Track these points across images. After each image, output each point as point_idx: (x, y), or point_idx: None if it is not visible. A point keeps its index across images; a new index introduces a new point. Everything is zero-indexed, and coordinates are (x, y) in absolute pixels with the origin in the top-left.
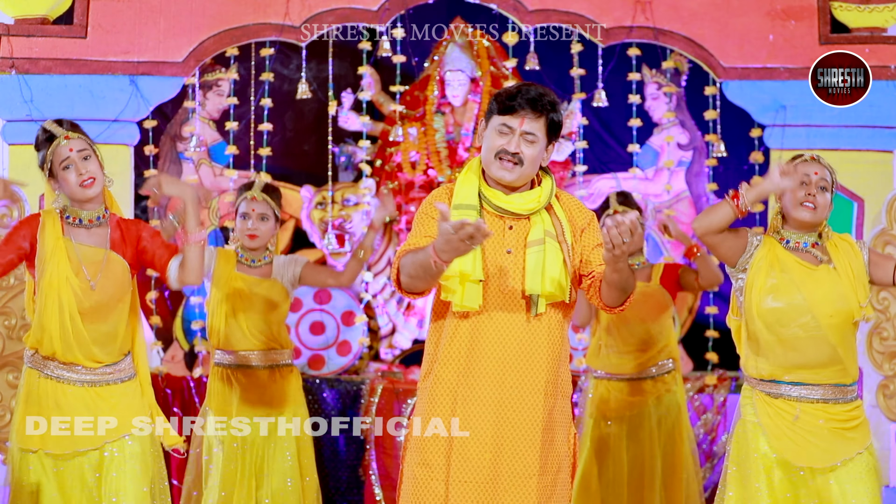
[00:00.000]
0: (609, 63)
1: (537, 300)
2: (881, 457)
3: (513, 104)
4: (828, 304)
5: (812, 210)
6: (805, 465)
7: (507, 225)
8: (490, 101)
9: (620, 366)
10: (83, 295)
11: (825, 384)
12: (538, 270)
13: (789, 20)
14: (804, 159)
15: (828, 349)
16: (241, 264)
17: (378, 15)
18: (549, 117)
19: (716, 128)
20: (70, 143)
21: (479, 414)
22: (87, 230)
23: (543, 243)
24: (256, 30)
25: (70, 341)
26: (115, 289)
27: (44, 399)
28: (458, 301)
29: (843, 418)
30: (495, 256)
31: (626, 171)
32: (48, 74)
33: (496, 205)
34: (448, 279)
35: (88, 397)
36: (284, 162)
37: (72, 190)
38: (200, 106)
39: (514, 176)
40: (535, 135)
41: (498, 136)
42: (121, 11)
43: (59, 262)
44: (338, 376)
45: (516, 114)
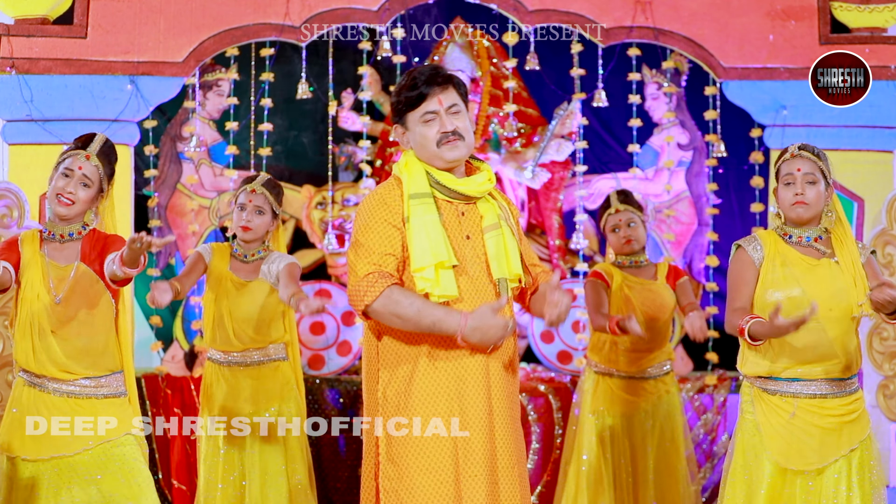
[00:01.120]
0: (609, 63)
1: (506, 284)
2: (881, 457)
3: (418, 92)
4: (827, 297)
5: (805, 205)
6: (797, 468)
7: (458, 211)
8: (392, 108)
9: (625, 363)
10: (51, 309)
11: (821, 379)
12: (501, 255)
13: (789, 20)
14: (785, 159)
15: (826, 343)
16: (234, 259)
17: (378, 15)
18: (454, 83)
19: (716, 128)
20: (86, 163)
21: (477, 411)
22: (61, 244)
23: (499, 227)
24: (256, 30)
25: (41, 356)
26: (82, 302)
27: (27, 405)
28: (437, 292)
29: (839, 412)
30: (456, 243)
31: (626, 172)
32: (48, 74)
33: (452, 189)
34: (422, 269)
35: (67, 407)
36: (284, 162)
37: (49, 195)
38: (200, 106)
39: (463, 151)
40: (457, 104)
41: (426, 126)
42: (121, 11)
43: (31, 277)
44: (338, 376)
45: (428, 98)
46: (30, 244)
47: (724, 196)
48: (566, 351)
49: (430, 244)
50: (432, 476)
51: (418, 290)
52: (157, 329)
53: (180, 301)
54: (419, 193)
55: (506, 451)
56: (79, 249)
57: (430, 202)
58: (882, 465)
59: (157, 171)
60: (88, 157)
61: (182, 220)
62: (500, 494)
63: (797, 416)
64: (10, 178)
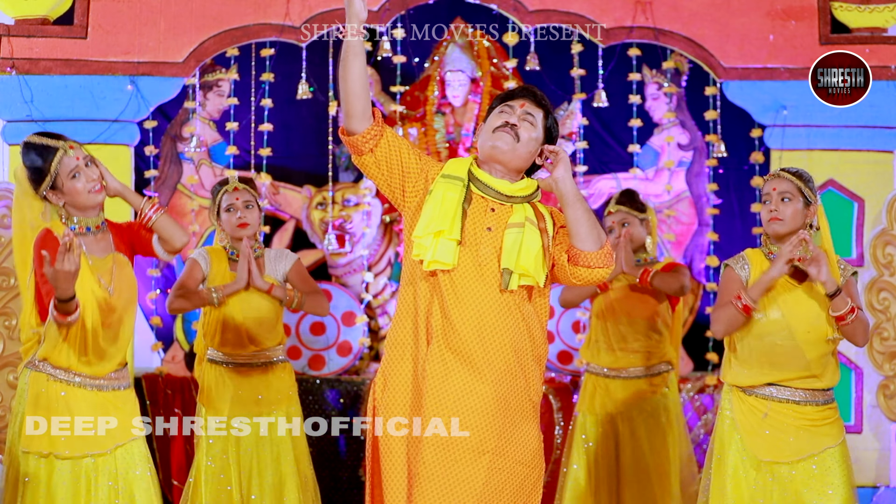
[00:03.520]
0: (609, 63)
1: (510, 276)
2: (881, 457)
3: (514, 92)
4: (805, 320)
5: (780, 221)
6: (772, 460)
7: (489, 206)
8: (489, 107)
9: (612, 362)
10: (105, 303)
11: (797, 388)
12: (515, 248)
13: (789, 20)
14: (766, 179)
15: (802, 362)
16: (232, 262)
17: (378, 15)
18: (546, 112)
19: (716, 128)
20: (75, 152)
21: (479, 405)
22: (95, 237)
23: (523, 227)
24: (257, 30)
25: (89, 354)
26: (128, 291)
27: (53, 403)
28: (429, 257)
29: (814, 417)
30: (474, 231)
31: (626, 172)
32: (48, 75)
33: (484, 182)
34: (421, 237)
35: (97, 401)
36: (285, 162)
37: (81, 199)
38: (201, 106)
39: (508, 146)
40: (534, 117)
41: (497, 116)
42: (121, 12)
43: (82, 277)
44: (338, 377)
45: (516, 99)
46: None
47: (724, 196)
48: (566, 351)
49: (437, 215)
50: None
51: (413, 255)
52: (157, 329)
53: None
54: (453, 176)
55: (434, 448)
56: (110, 240)
57: (460, 185)
58: (882, 468)
59: (157, 172)
60: (72, 146)
61: (182, 221)
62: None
63: (770, 416)
64: (11, 179)
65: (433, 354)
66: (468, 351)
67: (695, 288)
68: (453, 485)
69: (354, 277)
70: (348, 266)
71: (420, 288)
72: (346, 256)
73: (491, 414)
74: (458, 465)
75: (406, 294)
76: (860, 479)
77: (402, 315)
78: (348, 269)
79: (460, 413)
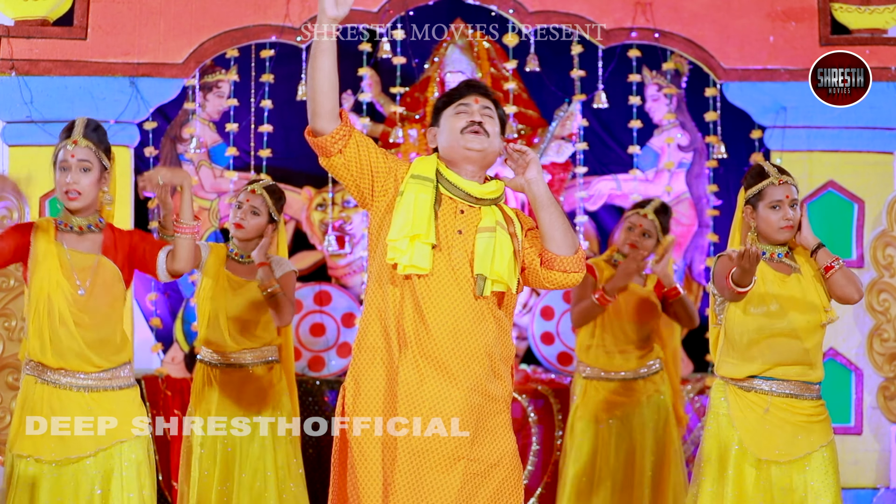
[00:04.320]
0: (609, 64)
1: (484, 282)
2: (881, 458)
3: (460, 90)
4: (800, 310)
5: (792, 228)
6: (769, 458)
7: (458, 208)
8: (432, 114)
9: (609, 364)
10: (73, 300)
11: (794, 380)
12: (488, 254)
13: (790, 21)
14: (770, 182)
15: (800, 350)
16: (230, 260)
17: (378, 16)
18: (496, 103)
19: (716, 129)
20: (76, 149)
21: (451, 400)
22: (79, 235)
23: (494, 231)
24: (256, 31)
25: (62, 347)
26: (106, 295)
27: (38, 404)
28: (405, 261)
29: (808, 412)
30: (446, 234)
31: (626, 173)
32: (48, 76)
33: (455, 185)
34: (396, 240)
35: (85, 402)
36: (284, 163)
37: (57, 193)
38: (200, 107)
39: (482, 145)
40: (491, 110)
41: (456, 118)
42: (121, 13)
43: (50, 267)
44: (338, 378)
45: (468, 96)
46: (44, 234)
47: (724, 197)
48: (566, 352)
49: (411, 217)
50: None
51: (388, 259)
52: (157, 331)
53: (180, 301)
54: (422, 176)
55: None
56: (100, 242)
57: (430, 186)
58: (882, 469)
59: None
60: (76, 142)
61: None
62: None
63: (770, 413)
64: None
65: (406, 360)
66: (443, 357)
67: (695, 290)
68: (428, 493)
69: (354, 278)
70: (348, 267)
71: (389, 291)
72: (345, 258)
73: (465, 420)
74: (433, 473)
75: (374, 296)
76: (860, 480)
77: (370, 318)
78: (348, 271)
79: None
